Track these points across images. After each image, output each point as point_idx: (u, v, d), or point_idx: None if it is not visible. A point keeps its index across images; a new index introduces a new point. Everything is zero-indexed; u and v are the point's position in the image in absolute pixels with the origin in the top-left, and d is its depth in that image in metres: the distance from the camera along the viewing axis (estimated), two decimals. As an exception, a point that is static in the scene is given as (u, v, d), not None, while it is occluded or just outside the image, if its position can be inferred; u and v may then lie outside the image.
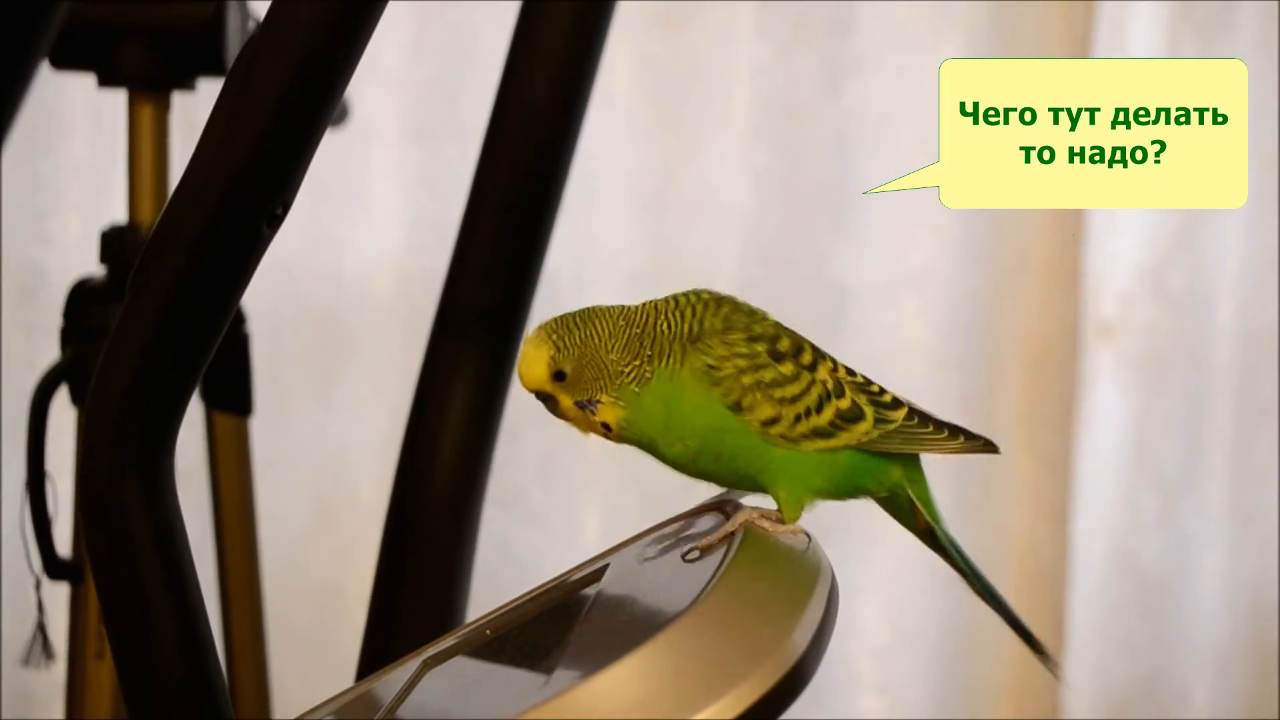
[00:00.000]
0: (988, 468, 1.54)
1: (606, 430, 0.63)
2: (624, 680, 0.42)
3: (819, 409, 0.64)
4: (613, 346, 0.63)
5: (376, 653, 0.81)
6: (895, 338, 1.53)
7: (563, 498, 1.56)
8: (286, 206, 0.64)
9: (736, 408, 0.62)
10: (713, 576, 0.47)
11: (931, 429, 0.70)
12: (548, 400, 0.64)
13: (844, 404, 0.65)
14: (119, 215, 1.11)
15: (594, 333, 0.64)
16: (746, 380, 0.64)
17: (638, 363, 0.63)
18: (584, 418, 0.63)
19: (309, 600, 1.56)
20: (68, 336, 1.07)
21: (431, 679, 0.57)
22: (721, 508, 0.57)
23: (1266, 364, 1.51)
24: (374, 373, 1.58)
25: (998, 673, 1.55)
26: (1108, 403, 1.51)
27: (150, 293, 0.64)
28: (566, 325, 0.64)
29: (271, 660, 1.19)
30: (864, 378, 0.68)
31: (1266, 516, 1.51)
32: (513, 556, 1.55)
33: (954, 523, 1.53)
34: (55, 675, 1.34)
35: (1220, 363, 1.51)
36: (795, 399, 0.64)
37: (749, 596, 0.46)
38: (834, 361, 0.68)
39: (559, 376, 0.63)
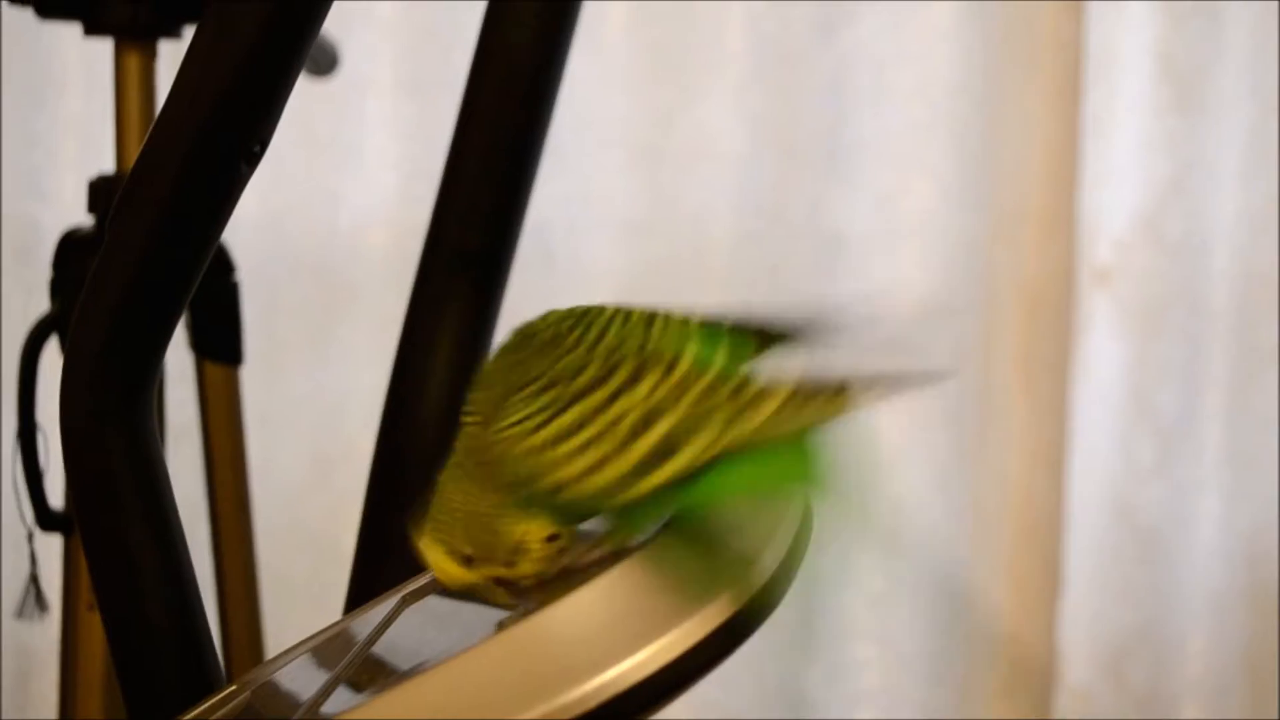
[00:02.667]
0: (984, 415, 1.54)
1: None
2: (586, 606, 0.42)
3: (628, 444, 0.50)
4: (477, 493, 0.53)
5: (361, 594, 0.81)
6: (892, 284, 1.52)
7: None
8: (264, 144, 0.63)
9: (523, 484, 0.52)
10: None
11: (824, 398, 0.55)
12: (497, 587, 0.52)
13: (672, 421, 0.51)
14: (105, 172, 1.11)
15: (455, 495, 0.54)
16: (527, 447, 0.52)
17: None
18: (545, 560, 0.51)
19: (306, 553, 1.56)
20: (57, 287, 1.07)
21: (410, 614, 0.57)
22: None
23: (1264, 309, 1.50)
24: (370, 325, 1.58)
25: (993, 619, 1.54)
26: (1104, 349, 1.51)
27: (128, 232, 0.63)
28: (436, 511, 0.54)
29: (268, 613, 1.19)
30: (726, 363, 0.54)
31: (1264, 463, 1.50)
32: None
33: (951, 471, 1.53)
34: (54, 629, 1.35)
35: (1217, 308, 1.51)
36: (586, 447, 0.50)
37: (716, 520, 0.46)
38: (689, 358, 0.53)
39: (469, 561, 0.52)
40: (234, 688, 0.59)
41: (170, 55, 1.11)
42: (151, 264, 0.63)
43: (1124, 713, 1.51)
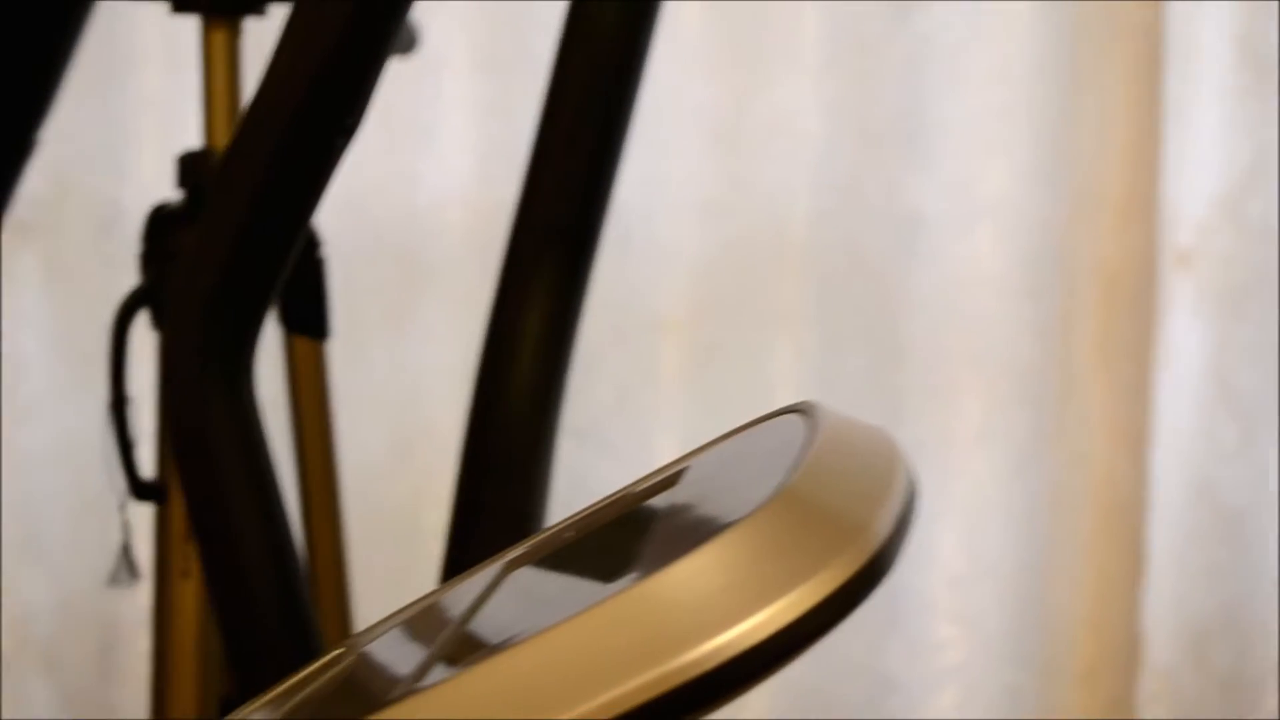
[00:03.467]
0: (1065, 397, 1.53)
1: None
2: (701, 569, 0.42)
3: None
4: None
5: (456, 568, 0.82)
6: (969, 268, 1.52)
7: (638, 429, 1.57)
8: (359, 118, 0.64)
9: None
10: (792, 469, 0.47)
11: None
12: None
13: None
14: (193, 146, 1.12)
15: None
16: None
17: None
18: None
19: (386, 532, 1.57)
20: (147, 261, 1.08)
21: (514, 580, 0.57)
22: (801, 410, 0.57)
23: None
24: (448, 305, 1.58)
25: (1076, 602, 1.54)
26: (1185, 331, 1.50)
27: (229, 202, 0.64)
28: None
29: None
30: None
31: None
32: (588, 488, 1.56)
33: (1031, 453, 1.53)
34: (143, 602, 1.36)
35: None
36: None
37: (826, 487, 0.46)
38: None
39: None
40: (341, 650, 0.60)
41: (254, 32, 1.12)
42: (252, 233, 0.64)
43: (1207, 695, 1.51)
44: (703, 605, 0.41)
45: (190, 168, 1.08)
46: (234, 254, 0.65)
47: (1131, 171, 1.51)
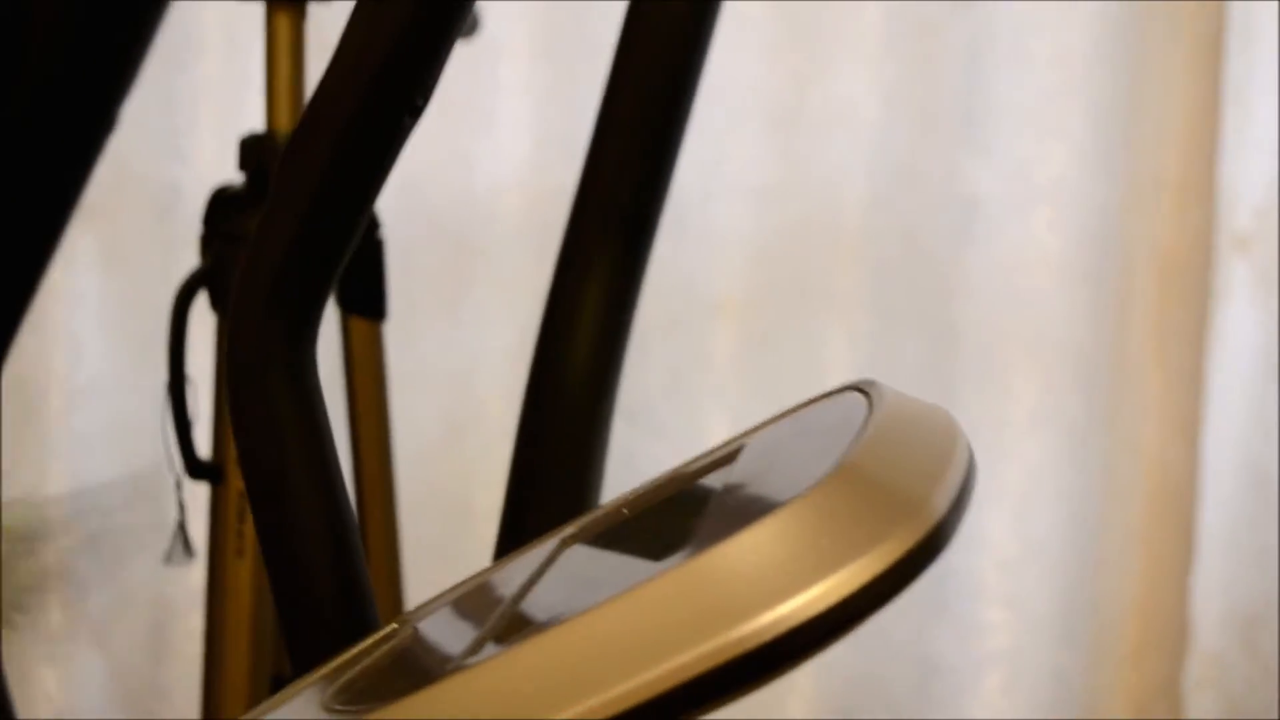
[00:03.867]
0: (1119, 381, 1.53)
1: None
2: (759, 543, 0.43)
3: None
4: None
5: (509, 549, 0.82)
6: (1026, 251, 1.52)
7: (689, 410, 1.57)
8: (426, 98, 0.65)
9: None
10: (852, 445, 0.47)
11: None
12: None
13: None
14: (254, 130, 1.13)
15: None
16: None
17: None
18: None
19: (438, 514, 1.58)
20: (207, 243, 1.09)
21: (568, 557, 0.58)
22: (861, 388, 0.57)
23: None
24: (503, 289, 1.59)
25: (1125, 586, 1.54)
26: (1240, 316, 1.49)
27: (297, 180, 0.65)
28: None
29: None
30: None
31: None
32: (639, 469, 1.56)
33: (1084, 437, 1.52)
34: (193, 582, 1.38)
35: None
36: None
37: (886, 462, 0.46)
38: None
39: None
40: (395, 626, 0.60)
41: (315, 16, 1.13)
42: (317, 215, 0.65)
43: (1255, 680, 1.50)
44: (761, 578, 0.42)
45: (252, 151, 1.09)
46: (299, 236, 0.66)
47: (1189, 155, 1.50)
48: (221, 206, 1.08)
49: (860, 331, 1.55)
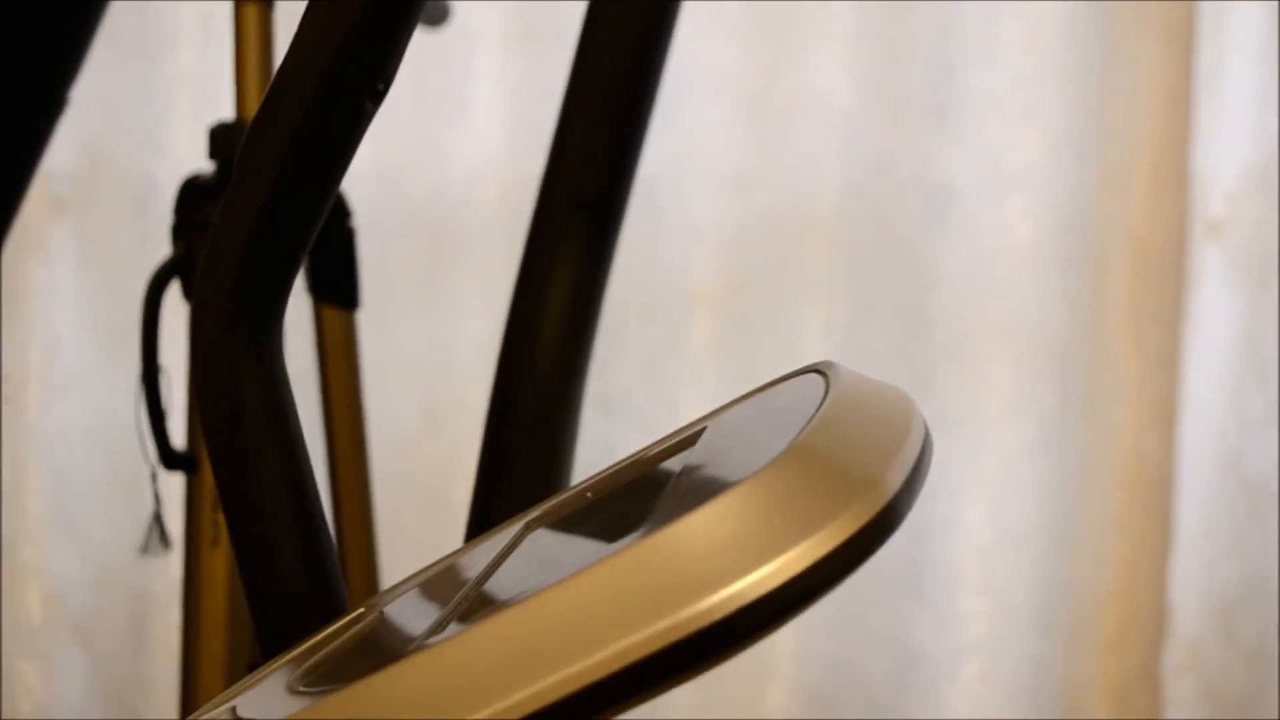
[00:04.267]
0: (1094, 369, 1.53)
1: None
2: (712, 521, 0.43)
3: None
4: None
5: (480, 531, 0.82)
6: (1000, 238, 1.52)
7: (666, 399, 1.57)
8: (388, 83, 0.65)
9: None
10: (806, 424, 0.47)
11: None
12: None
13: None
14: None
15: None
16: None
17: None
18: None
19: (415, 505, 1.58)
20: (179, 232, 1.09)
21: (533, 540, 0.58)
22: (820, 369, 0.57)
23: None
24: (479, 278, 1.59)
25: (1103, 574, 1.54)
26: (1215, 302, 1.49)
27: (258, 165, 0.65)
28: None
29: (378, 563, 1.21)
30: None
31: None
32: (616, 457, 1.56)
33: (1061, 426, 1.53)
34: (173, 574, 1.38)
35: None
36: None
37: (840, 441, 0.46)
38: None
39: None
40: (361, 610, 0.61)
41: (285, 9, 1.13)
42: (280, 198, 0.65)
43: (1232, 668, 1.50)
44: (713, 556, 0.42)
45: (222, 139, 1.09)
46: (262, 219, 0.66)
47: (1162, 141, 1.51)
48: (192, 196, 1.08)
49: (835, 319, 1.55)
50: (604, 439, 1.54)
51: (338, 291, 1.12)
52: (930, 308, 1.53)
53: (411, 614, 0.56)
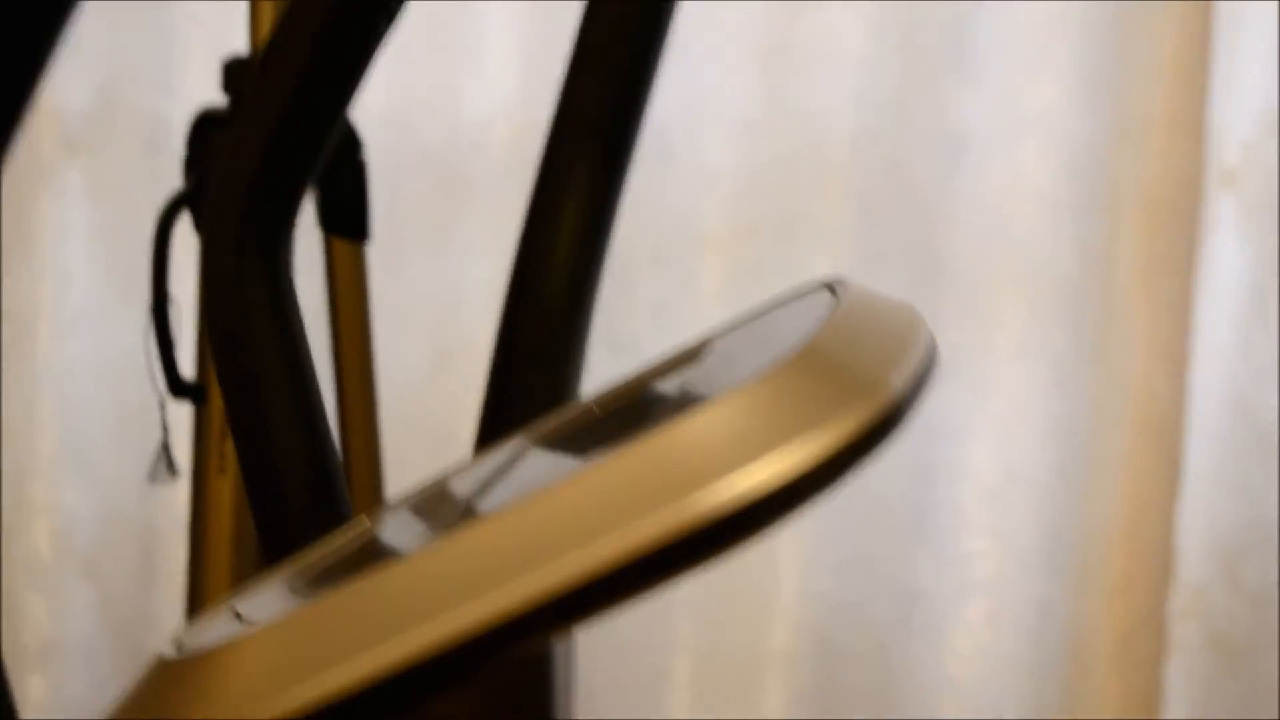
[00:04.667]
0: (1106, 313, 1.53)
1: None
2: (715, 419, 0.43)
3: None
4: None
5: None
6: (1013, 183, 1.52)
7: (676, 343, 1.57)
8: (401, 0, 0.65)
9: None
10: (813, 330, 0.47)
11: None
12: None
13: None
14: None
15: None
16: None
17: None
18: None
19: (424, 443, 1.58)
20: (191, 165, 1.09)
21: (537, 451, 0.58)
22: (829, 285, 0.57)
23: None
24: (489, 220, 1.59)
25: (1111, 517, 1.54)
26: (1228, 250, 1.49)
27: (271, 86, 0.65)
28: None
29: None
30: None
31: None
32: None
33: (1072, 370, 1.53)
34: (182, 509, 1.38)
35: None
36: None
37: (846, 345, 0.46)
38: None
39: None
40: (362, 520, 0.61)
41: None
42: (292, 118, 0.65)
43: (1237, 611, 1.51)
44: (715, 450, 0.42)
45: (235, 73, 1.09)
46: (273, 142, 0.66)
47: (1178, 88, 1.50)
48: (204, 128, 1.09)
49: (846, 264, 1.55)
50: (612, 379, 1.54)
51: (348, 223, 1.13)
52: (942, 253, 1.53)
53: (409, 524, 0.56)
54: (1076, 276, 1.52)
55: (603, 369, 1.05)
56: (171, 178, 1.15)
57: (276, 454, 0.69)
